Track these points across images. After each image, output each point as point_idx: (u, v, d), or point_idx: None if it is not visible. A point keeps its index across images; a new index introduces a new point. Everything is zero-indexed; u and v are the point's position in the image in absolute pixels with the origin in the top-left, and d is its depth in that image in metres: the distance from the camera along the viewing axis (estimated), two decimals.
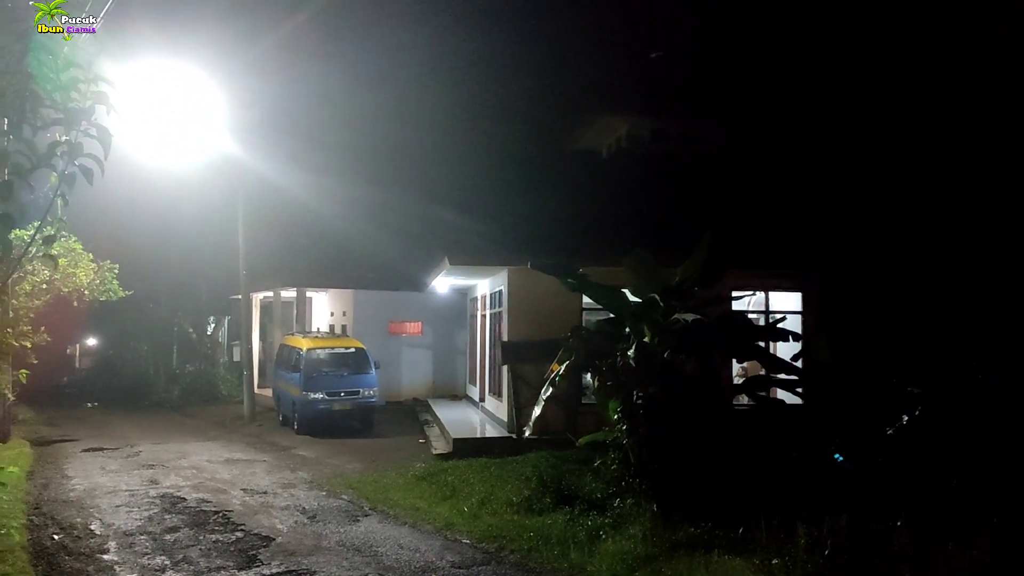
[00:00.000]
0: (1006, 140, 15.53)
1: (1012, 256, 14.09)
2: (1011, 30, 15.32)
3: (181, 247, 27.54)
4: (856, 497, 7.76)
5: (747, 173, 19.04)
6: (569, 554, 8.19)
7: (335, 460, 14.86)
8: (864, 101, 18.84)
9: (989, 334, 13.39)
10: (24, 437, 17.44)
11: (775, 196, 17.81)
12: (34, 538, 9.06)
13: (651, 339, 9.71)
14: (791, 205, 17.40)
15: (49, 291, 15.68)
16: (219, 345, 32.05)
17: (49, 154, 5.79)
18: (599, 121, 21.39)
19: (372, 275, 24.62)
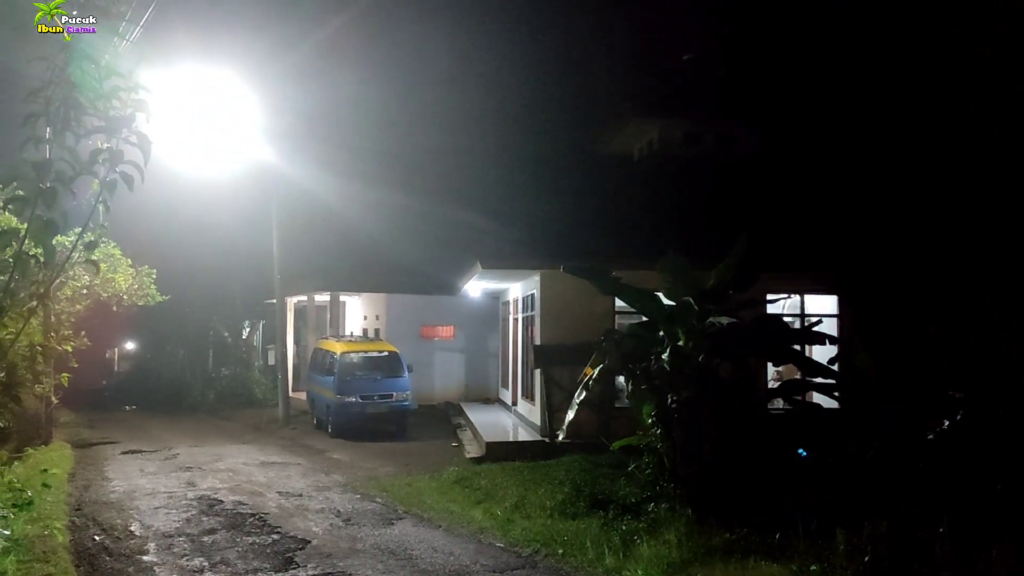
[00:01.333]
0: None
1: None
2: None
3: (216, 252, 27.86)
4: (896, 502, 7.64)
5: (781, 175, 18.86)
6: (604, 559, 8.15)
7: (369, 463, 14.95)
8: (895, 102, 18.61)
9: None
10: (65, 439, 17.76)
11: (810, 198, 17.62)
12: (76, 539, 9.22)
13: (686, 343, 9.65)
14: (826, 207, 17.20)
15: (89, 296, 15.95)
16: (254, 349, 32.38)
17: (91, 161, 5.89)
18: (631, 124, 21.32)
19: (405, 279, 24.73)
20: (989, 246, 14.77)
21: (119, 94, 5.95)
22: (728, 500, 8.94)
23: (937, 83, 17.02)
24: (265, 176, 22.17)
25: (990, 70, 16.39)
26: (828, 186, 18.15)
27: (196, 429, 21.33)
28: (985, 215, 15.38)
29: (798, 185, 18.25)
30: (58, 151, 5.76)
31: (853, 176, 18.36)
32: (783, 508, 8.47)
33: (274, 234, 22.71)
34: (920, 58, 17.34)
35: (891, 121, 18.38)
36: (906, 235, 15.53)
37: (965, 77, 16.78)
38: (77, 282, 14.69)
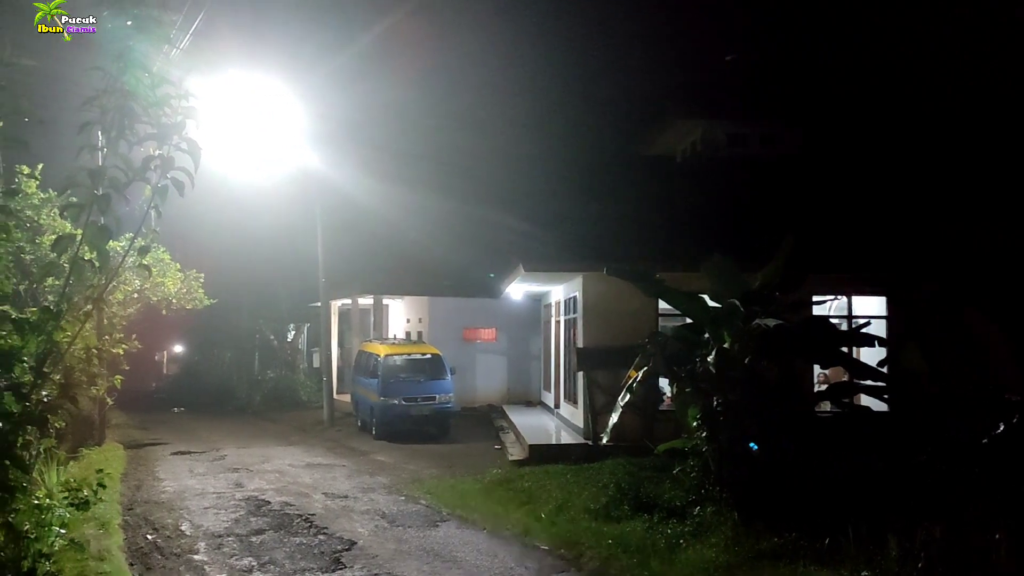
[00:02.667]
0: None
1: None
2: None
3: (262, 256, 28.27)
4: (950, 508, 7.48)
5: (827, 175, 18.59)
6: (649, 562, 8.09)
7: (412, 465, 15.03)
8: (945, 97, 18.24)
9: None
10: (118, 440, 18.16)
11: (857, 198, 17.34)
12: (129, 538, 9.42)
13: (731, 345, 9.54)
14: (874, 206, 16.91)
15: (140, 300, 16.30)
16: (299, 352, 32.79)
17: (144, 168, 6.03)
18: (673, 125, 21.19)
19: (447, 282, 24.85)
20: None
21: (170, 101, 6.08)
22: (775, 504, 8.82)
23: (989, 77, 16.64)
24: (309, 181, 22.45)
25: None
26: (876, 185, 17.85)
27: (243, 431, 21.66)
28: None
29: (845, 185, 17.97)
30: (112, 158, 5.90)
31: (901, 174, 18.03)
32: (832, 512, 8.33)
33: (319, 238, 22.98)
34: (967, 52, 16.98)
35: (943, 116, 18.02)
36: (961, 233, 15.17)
37: (1018, 71, 16.37)
38: (128, 286, 15.01)
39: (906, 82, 18.77)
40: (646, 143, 22.84)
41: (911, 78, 18.68)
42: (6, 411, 5.40)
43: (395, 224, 25.10)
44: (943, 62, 18.04)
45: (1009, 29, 16.12)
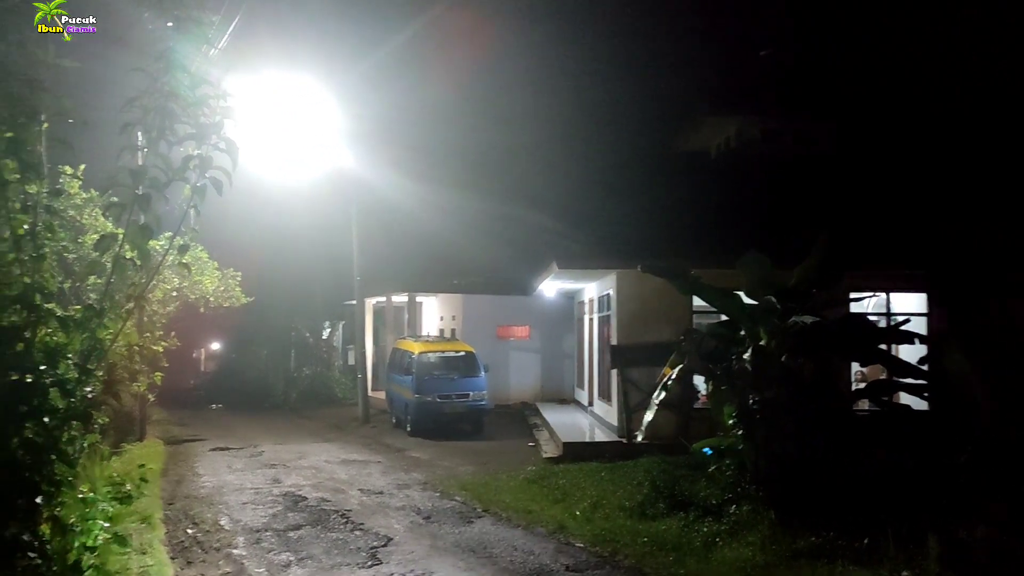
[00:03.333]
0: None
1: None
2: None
3: (298, 255, 28.55)
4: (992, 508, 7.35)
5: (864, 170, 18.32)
6: (685, 560, 8.06)
7: (447, 462, 15.09)
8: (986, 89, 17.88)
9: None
10: (158, 436, 18.47)
11: (895, 194, 17.07)
12: (170, 531, 9.58)
13: (768, 342, 9.46)
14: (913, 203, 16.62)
15: (178, 298, 16.56)
16: (334, 349, 33.06)
17: (183, 168, 6.12)
18: (707, 122, 21.01)
19: (480, 280, 24.90)
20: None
21: (208, 101, 6.17)
22: (813, 503, 8.73)
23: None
24: (344, 180, 22.63)
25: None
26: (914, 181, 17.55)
27: (279, 427, 21.90)
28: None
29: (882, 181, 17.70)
30: (152, 158, 6.00)
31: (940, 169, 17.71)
32: (871, 512, 8.23)
33: (353, 236, 23.15)
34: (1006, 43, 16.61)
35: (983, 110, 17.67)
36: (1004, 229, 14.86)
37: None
38: (167, 285, 15.25)
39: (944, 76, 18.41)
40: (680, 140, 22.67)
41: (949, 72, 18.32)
42: (52, 406, 5.51)
43: (429, 222, 25.21)
44: (983, 54, 17.67)
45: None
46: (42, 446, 5.43)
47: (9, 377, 5.32)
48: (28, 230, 5.66)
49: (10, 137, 5.44)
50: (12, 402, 5.29)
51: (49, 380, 5.58)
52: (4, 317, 5.46)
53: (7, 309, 5.52)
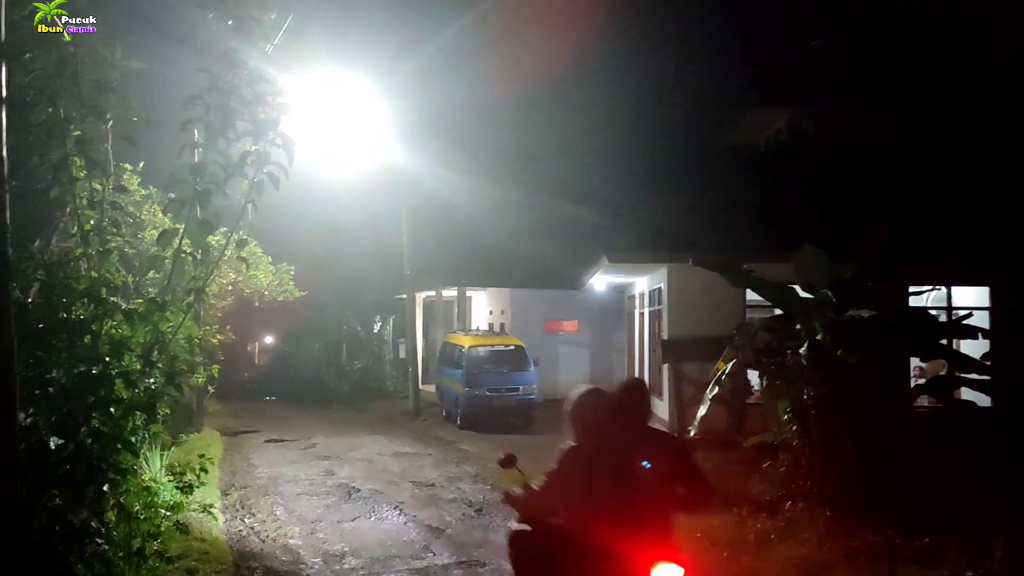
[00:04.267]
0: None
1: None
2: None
3: (349, 249, 28.87)
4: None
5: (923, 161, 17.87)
6: (740, 557, 7.97)
7: (496, 455, 15.10)
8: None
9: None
10: (214, 427, 18.86)
11: (956, 184, 16.61)
12: (228, 520, 9.78)
13: (824, 336, 9.30)
14: (975, 194, 16.17)
15: (233, 292, 16.91)
16: (385, 343, 33.41)
17: (241, 163, 6.25)
18: (757, 113, 20.70)
19: (529, 274, 24.91)
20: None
21: (265, 99, 6.28)
22: (870, 501, 8.58)
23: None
24: (394, 175, 22.79)
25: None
26: (976, 171, 17.07)
27: (332, 420, 22.20)
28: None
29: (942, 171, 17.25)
30: (211, 154, 6.14)
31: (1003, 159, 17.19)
32: (931, 511, 8.06)
33: (404, 231, 23.34)
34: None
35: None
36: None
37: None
38: (223, 279, 15.55)
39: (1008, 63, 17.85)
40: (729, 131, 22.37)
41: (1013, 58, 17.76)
42: (118, 397, 5.68)
43: (478, 217, 25.28)
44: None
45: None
46: (108, 435, 5.60)
47: (78, 368, 5.50)
48: (95, 225, 5.84)
49: (78, 136, 5.61)
50: (81, 393, 5.47)
51: (115, 372, 5.75)
52: (72, 311, 5.64)
53: (75, 303, 5.70)
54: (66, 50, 5.64)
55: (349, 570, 7.86)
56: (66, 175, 5.70)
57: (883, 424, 9.01)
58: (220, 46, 5.66)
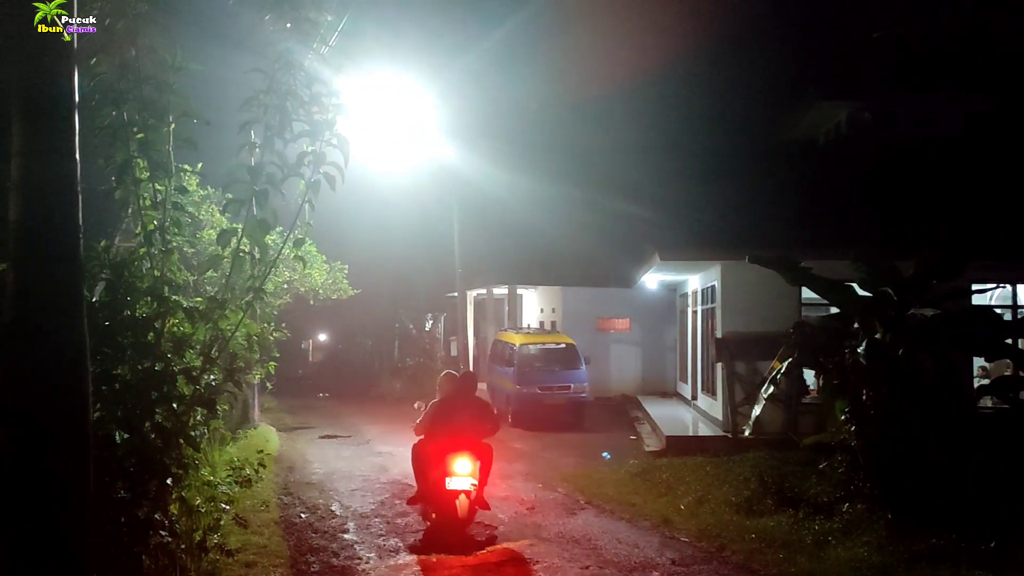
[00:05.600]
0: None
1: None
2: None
3: (401, 247, 29.10)
4: None
5: (987, 156, 17.38)
6: (796, 558, 7.85)
7: (548, 453, 15.15)
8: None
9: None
10: (270, 423, 19.19)
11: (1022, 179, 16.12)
12: (285, 515, 9.94)
13: (883, 335, 9.11)
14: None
15: (289, 290, 17.17)
16: (436, 340, 33.61)
17: (298, 164, 6.34)
18: (816, 107, 20.35)
19: (580, 272, 24.84)
20: None
21: (321, 99, 6.37)
22: (932, 504, 8.38)
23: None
24: (445, 174, 22.91)
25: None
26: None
27: (385, 416, 22.40)
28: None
29: (1007, 166, 16.76)
30: (268, 155, 6.24)
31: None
32: (996, 515, 7.84)
33: (455, 230, 23.46)
34: None
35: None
36: None
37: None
38: (279, 277, 15.80)
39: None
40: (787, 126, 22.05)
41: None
42: (180, 393, 5.81)
43: (529, 215, 25.27)
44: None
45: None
46: (171, 431, 5.73)
47: (142, 365, 5.63)
48: (157, 226, 5.98)
49: (141, 138, 5.75)
50: (144, 389, 5.61)
51: (176, 368, 5.88)
52: (137, 309, 5.79)
53: (139, 301, 5.84)
54: (128, 54, 5.79)
55: (404, 565, 7.93)
56: (130, 177, 5.84)
57: (946, 425, 8.80)
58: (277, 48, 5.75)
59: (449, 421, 9.18)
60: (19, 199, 4.30)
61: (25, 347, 4.27)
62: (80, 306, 4.49)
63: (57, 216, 4.39)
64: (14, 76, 4.32)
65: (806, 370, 12.27)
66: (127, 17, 5.72)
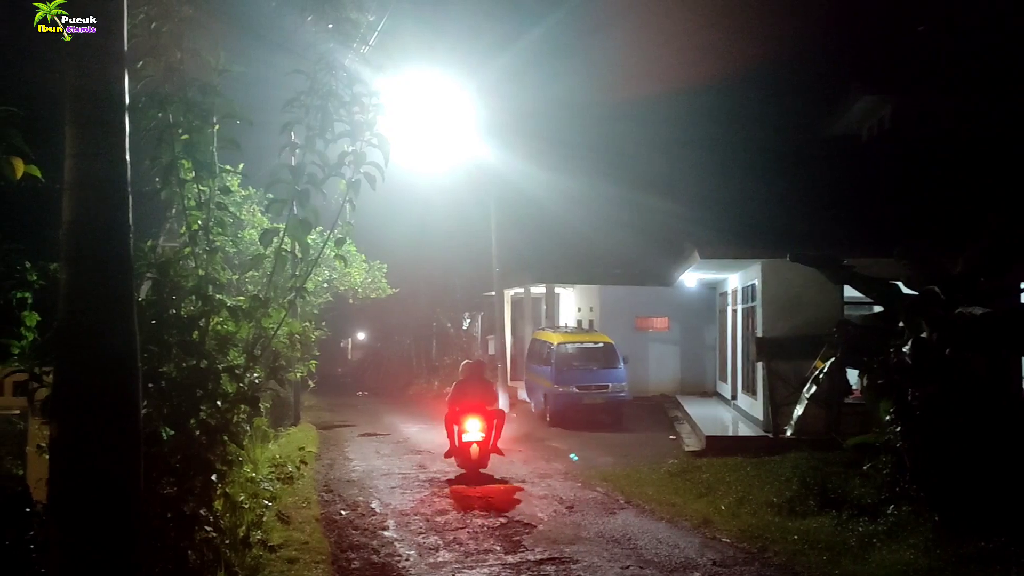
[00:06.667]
0: None
1: None
2: None
3: (438, 246, 29.20)
4: None
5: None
6: (840, 560, 7.75)
7: (586, 453, 15.10)
8: None
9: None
10: (310, 421, 19.39)
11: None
12: (325, 512, 10.03)
13: (930, 335, 8.94)
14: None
15: (329, 289, 17.36)
16: (473, 339, 33.67)
17: (339, 164, 6.40)
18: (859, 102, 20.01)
19: (618, 270, 24.71)
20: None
21: (361, 99, 6.42)
22: (981, 506, 8.20)
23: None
24: (482, 173, 22.93)
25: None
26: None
27: (423, 414, 22.49)
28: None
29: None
30: (309, 155, 6.31)
31: None
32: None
33: (492, 228, 23.46)
34: None
35: None
36: None
37: None
38: (319, 276, 15.98)
39: None
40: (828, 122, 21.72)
41: None
42: (224, 391, 5.90)
43: (566, 214, 25.20)
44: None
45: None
46: (215, 428, 5.82)
47: (187, 363, 5.73)
48: (202, 225, 6.07)
49: (186, 139, 5.85)
50: (189, 386, 5.70)
51: (221, 366, 5.97)
52: (182, 307, 5.88)
53: (184, 300, 5.94)
54: (174, 58, 5.89)
55: (443, 563, 7.96)
56: (175, 177, 5.94)
57: (994, 426, 8.61)
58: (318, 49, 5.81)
59: (464, 396, 12.76)
60: (72, 201, 4.40)
61: (78, 345, 4.37)
62: (131, 305, 4.58)
63: (109, 217, 4.48)
64: (68, 80, 4.42)
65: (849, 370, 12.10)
66: (172, 21, 5.81)
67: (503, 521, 9.65)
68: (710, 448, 14.39)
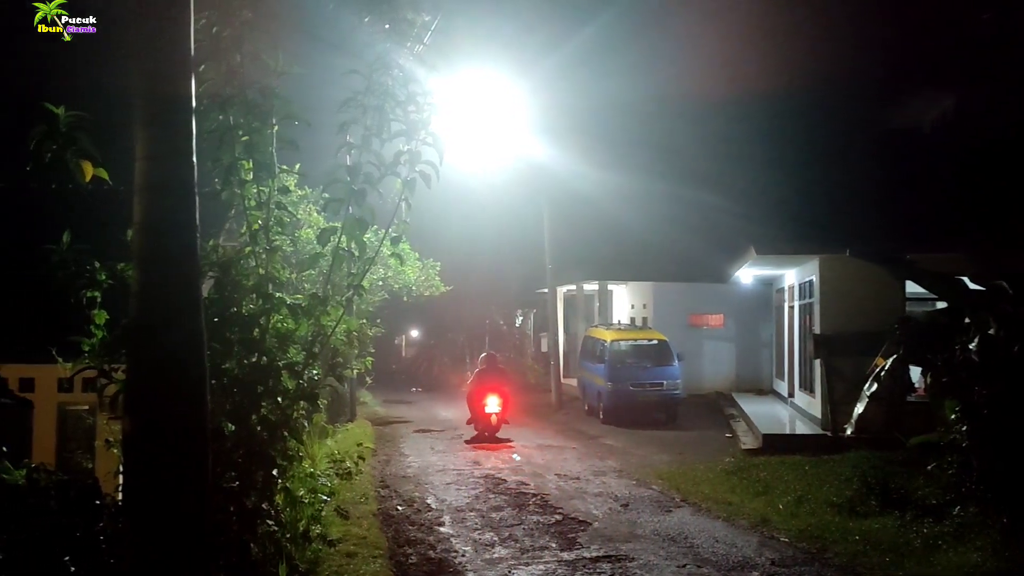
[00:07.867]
0: None
1: None
2: None
3: (490, 244, 29.28)
4: None
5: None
6: (903, 562, 7.59)
7: (641, 450, 15.02)
8: None
9: None
10: (366, 417, 19.64)
11: None
12: (382, 508, 10.17)
13: (997, 331, 8.68)
14: None
15: (384, 287, 17.54)
16: (526, 336, 33.72)
17: (394, 163, 6.46)
18: (921, 94, 19.51)
19: (671, 267, 24.48)
20: None
21: (416, 99, 6.47)
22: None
23: None
24: (534, 170, 22.94)
25: None
26: None
27: None
28: None
29: None
30: (365, 154, 6.38)
31: None
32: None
33: (545, 227, 23.48)
34: None
35: None
36: None
37: None
38: (374, 275, 16.15)
39: None
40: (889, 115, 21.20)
41: None
42: (284, 387, 6.00)
43: (619, 210, 25.03)
44: None
45: None
46: (276, 423, 5.93)
47: (248, 360, 5.85)
48: (262, 225, 6.19)
49: (246, 140, 5.96)
50: (251, 382, 5.82)
51: (281, 363, 6.08)
52: (243, 306, 6.01)
53: (245, 298, 6.06)
54: (234, 60, 6.01)
55: (499, 559, 8.00)
56: (236, 178, 6.06)
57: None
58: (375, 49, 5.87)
59: (484, 380, 16.77)
60: (143, 202, 4.53)
61: (149, 342, 4.50)
62: (198, 303, 4.70)
63: (178, 217, 4.60)
64: (137, 84, 4.54)
65: (911, 367, 11.82)
66: (233, 25, 5.93)
67: (558, 518, 9.67)
68: (767, 446, 14.20)
